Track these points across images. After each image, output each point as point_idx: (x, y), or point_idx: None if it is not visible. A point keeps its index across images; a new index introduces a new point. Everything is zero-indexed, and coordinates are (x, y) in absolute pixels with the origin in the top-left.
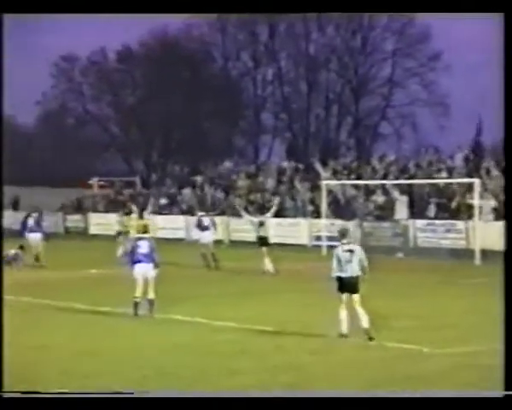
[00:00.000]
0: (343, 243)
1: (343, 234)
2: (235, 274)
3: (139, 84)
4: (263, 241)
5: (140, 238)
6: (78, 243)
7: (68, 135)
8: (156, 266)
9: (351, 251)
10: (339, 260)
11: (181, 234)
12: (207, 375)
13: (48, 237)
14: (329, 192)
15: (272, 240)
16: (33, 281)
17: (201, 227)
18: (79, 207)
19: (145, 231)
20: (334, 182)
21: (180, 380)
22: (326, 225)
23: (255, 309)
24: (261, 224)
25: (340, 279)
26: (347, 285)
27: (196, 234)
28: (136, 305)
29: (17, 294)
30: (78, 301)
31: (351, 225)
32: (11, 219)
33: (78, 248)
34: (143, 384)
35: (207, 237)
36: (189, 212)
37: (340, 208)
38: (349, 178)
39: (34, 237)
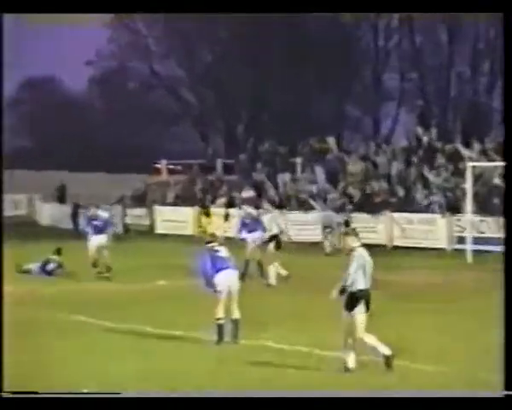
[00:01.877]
0: None
1: None
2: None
3: (220, 39)
4: None
5: (214, 241)
6: (141, 246)
7: (129, 104)
8: (241, 276)
9: None
10: (363, 269)
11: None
12: None
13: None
14: (478, 178)
15: (397, 242)
16: (87, 295)
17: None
18: (143, 199)
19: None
20: (484, 164)
21: None
22: (472, 223)
23: (383, 334)
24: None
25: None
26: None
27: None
28: (220, 328)
29: (66, 310)
30: (143, 321)
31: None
32: (56, 212)
33: (141, 251)
34: None
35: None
36: (282, 206)
37: (492, 200)
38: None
39: (97, 240)
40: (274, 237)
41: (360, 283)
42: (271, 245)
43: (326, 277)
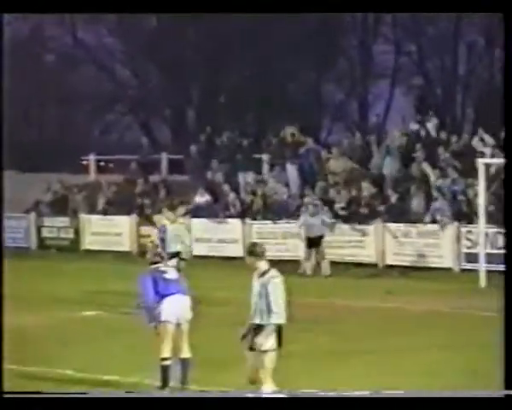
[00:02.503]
0: None
1: None
2: None
3: None
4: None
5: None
6: (62, 265)
7: (46, 83)
8: (194, 303)
9: None
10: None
11: (235, 250)
12: None
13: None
14: (493, 179)
15: (390, 259)
16: None
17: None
18: (65, 206)
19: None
20: (500, 161)
21: None
22: (486, 236)
23: (370, 380)
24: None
25: None
26: None
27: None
28: (165, 370)
29: None
30: (64, 363)
31: None
32: None
33: (62, 273)
34: None
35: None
36: (244, 214)
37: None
38: None
39: None
40: (175, 255)
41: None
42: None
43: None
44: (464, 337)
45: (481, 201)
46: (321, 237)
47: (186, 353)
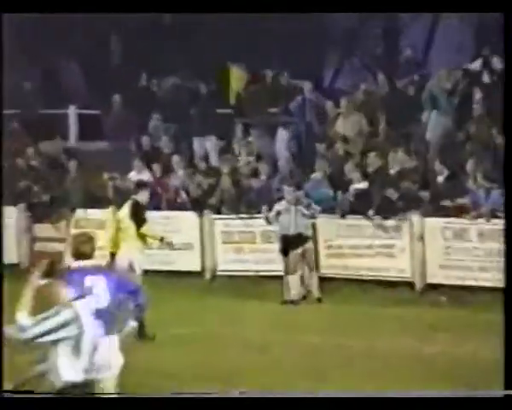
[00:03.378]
0: None
1: None
2: None
3: None
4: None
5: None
6: None
7: None
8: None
9: None
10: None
11: (188, 261)
12: None
13: None
14: None
15: (434, 276)
16: None
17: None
18: None
19: (90, 253)
20: None
21: None
22: None
23: None
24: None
25: None
26: None
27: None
28: None
29: None
30: None
31: None
32: None
33: None
34: None
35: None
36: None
37: None
38: None
39: None
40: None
41: (68, 371)
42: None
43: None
44: None
45: None
46: (304, 238)
47: None
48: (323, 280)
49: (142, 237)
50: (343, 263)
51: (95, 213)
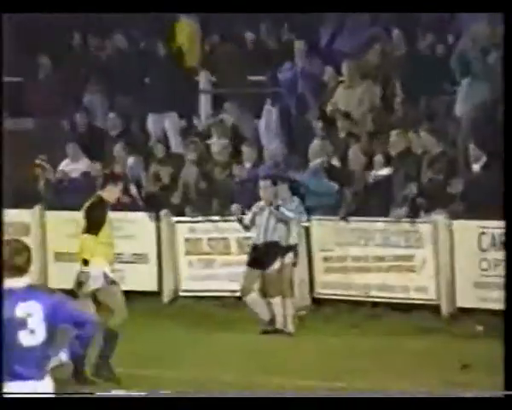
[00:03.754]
0: None
1: None
2: None
3: None
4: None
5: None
6: None
7: None
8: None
9: None
10: None
11: (144, 278)
12: None
13: None
14: None
15: (466, 297)
16: None
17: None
18: None
19: (25, 267)
20: None
21: None
22: None
23: None
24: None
25: None
26: None
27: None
28: None
29: None
30: None
31: None
32: None
33: None
34: None
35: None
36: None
37: None
38: None
39: None
40: None
41: None
42: None
43: None
44: None
45: None
46: (281, 249)
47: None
48: (318, 303)
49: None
50: (345, 280)
51: (19, 215)
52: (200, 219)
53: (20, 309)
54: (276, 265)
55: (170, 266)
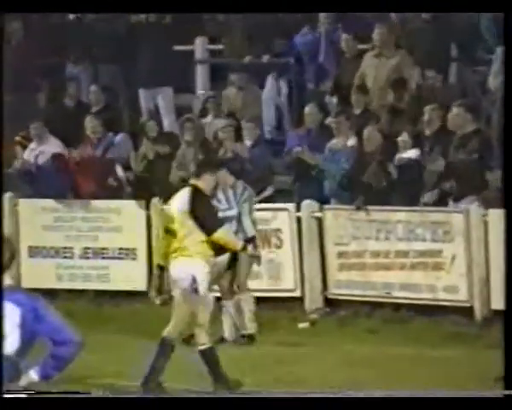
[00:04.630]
0: None
1: None
2: None
3: None
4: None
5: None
6: None
7: None
8: None
9: None
10: None
11: (136, 280)
12: None
13: None
14: None
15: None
16: None
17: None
18: None
19: (8, 264)
20: None
21: None
22: None
23: None
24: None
25: None
26: None
27: None
28: None
29: None
30: None
31: None
32: None
33: None
34: None
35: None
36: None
37: None
38: None
39: None
40: None
41: None
42: None
43: None
44: None
45: None
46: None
47: None
48: (332, 304)
49: (211, 244)
50: (363, 278)
51: None
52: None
53: None
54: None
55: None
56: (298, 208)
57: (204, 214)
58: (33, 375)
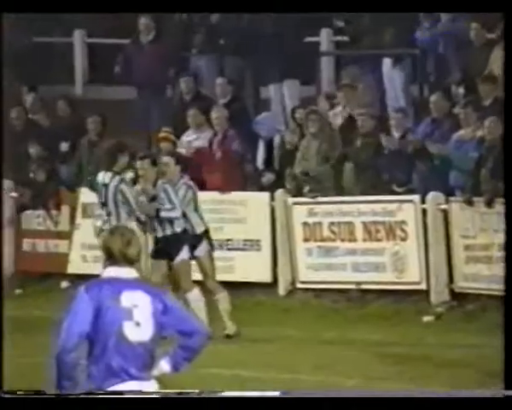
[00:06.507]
0: None
1: None
2: None
3: None
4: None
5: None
6: None
7: None
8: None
9: None
10: None
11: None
12: None
13: None
14: None
15: None
16: None
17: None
18: None
19: (136, 258)
20: None
21: None
22: None
23: None
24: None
25: None
26: None
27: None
28: None
29: None
30: None
31: None
32: None
33: None
34: None
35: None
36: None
37: None
38: None
39: None
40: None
41: None
42: None
43: None
44: None
45: None
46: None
47: None
48: (459, 298)
49: None
50: (490, 272)
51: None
52: (320, 200)
53: (126, 298)
54: (185, 255)
55: (286, 253)
56: (422, 200)
57: None
58: (165, 366)
